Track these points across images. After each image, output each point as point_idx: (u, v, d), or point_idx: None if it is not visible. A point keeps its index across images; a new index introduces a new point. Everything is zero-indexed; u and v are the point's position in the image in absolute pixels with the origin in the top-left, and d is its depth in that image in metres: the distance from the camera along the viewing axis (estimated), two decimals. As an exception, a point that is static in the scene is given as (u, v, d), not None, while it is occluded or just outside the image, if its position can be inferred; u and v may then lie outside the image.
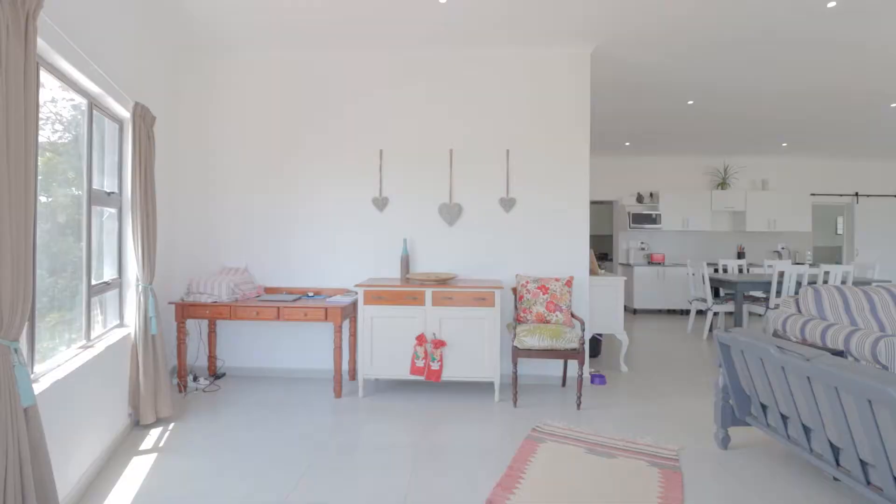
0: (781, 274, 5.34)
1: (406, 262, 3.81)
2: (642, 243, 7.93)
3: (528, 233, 3.92)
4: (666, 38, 3.63)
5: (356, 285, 3.45)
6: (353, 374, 3.89)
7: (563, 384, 3.84)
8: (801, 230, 7.62)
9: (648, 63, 4.10)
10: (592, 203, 10.03)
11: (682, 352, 5.03)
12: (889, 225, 7.95)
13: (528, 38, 3.68)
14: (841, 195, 7.96)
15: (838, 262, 8.88)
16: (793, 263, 7.24)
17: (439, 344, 3.35)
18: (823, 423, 2.09)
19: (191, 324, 3.98)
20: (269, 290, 3.93)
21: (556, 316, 3.53)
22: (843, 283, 5.37)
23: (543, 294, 3.58)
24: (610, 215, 9.75)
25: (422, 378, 3.38)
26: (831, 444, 2.11)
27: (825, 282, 5.35)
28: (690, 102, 5.11)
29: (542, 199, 3.91)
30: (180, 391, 3.53)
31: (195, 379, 3.68)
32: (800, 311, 3.97)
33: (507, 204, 3.91)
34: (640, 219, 7.53)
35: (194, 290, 3.54)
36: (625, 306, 7.80)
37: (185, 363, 3.56)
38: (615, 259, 8.13)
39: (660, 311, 7.66)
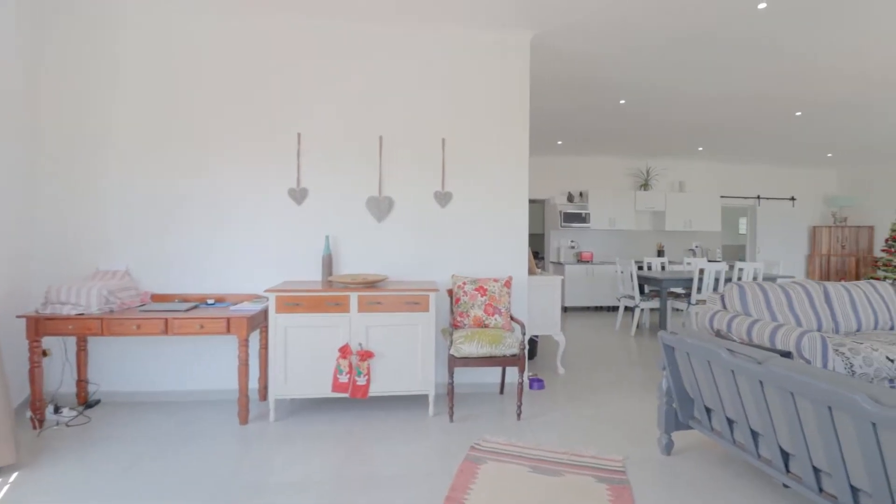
0: (702, 271, 5.57)
1: (328, 263, 3.34)
2: (572, 242, 8.04)
3: (465, 230, 3.62)
4: (603, 31, 3.52)
5: (267, 290, 2.93)
6: (263, 395, 3.35)
7: (502, 391, 3.59)
8: (712, 230, 8.14)
9: (585, 57, 3.98)
10: (524, 202, 10.10)
11: (613, 349, 5.03)
12: (784, 225, 8.77)
13: (467, 17, 3.38)
14: (745, 198, 8.64)
15: (741, 259, 9.68)
16: (709, 261, 7.71)
17: (366, 355, 2.94)
18: (775, 429, 2.00)
19: (53, 342, 3.20)
20: (156, 298, 3.26)
21: (495, 319, 3.27)
22: (755, 279, 5.71)
23: (482, 296, 3.31)
24: (542, 214, 9.86)
25: (346, 395, 2.95)
26: (782, 450, 2.02)
27: (739, 278, 5.65)
28: (622, 102, 5.14)
29: (480, 194, 3.63)
30: (34, 427, 2.79)
31: (56, 410, 2.94)
32: (725, 307, 4.07)
33: (443, 198, 3.59)
34: (570, 217, 7.61)
35: (54, 300, 2.81)
36: (556, 304, 7.85)
37: (42, 391, 2.81)
38: (546, 258, 8.17)
39: (588, 309, 7.80)
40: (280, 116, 3.44)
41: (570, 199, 7.84)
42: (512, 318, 3.29)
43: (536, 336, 4.32)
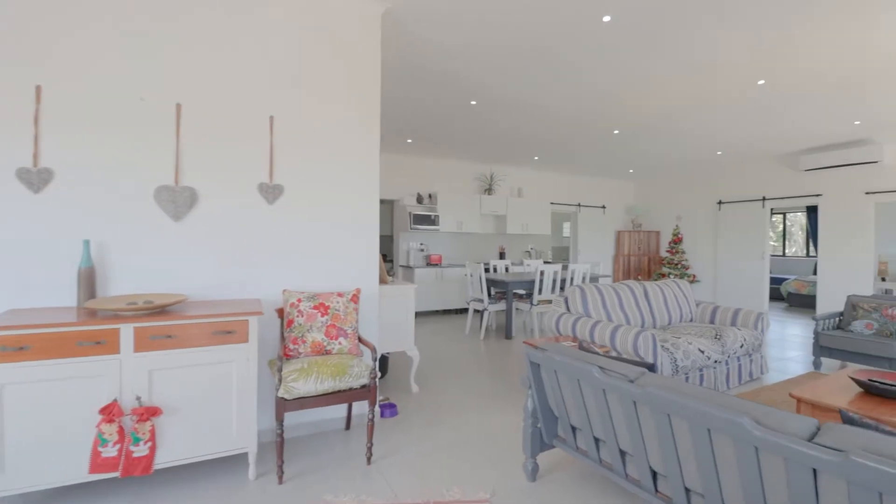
0: (542, 273, 5.82)
1: (89, 280, 2.29)
2: (422, 244, 7.82)
3: (301, 233, 2.92)
4: (456, 17, 3.21)
5: (-43, 329, 1.80)
6: (-36, 492, 2.12)
7: (348, 426, 3.00)
8: (544, 233, 8.83)
9: (439, 48, 3.65)
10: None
11: (465, 356, 4.86)
12: (598, 230, 10.05)
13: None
14: (569, 205, 9.63)
15: (565, 260, 10.83)
16: (544, 262, 8.30)
17: (149, 413, 2.04)
18: (646, 449, 1.87)
19: None
20: None
21: (340, 343, 2.66)
22: (584, 278, 6.22)
23: (322, 315, 2.66)
24: (391, 215, 9.45)
25: (116, 475, 2.00)
26: (652, 470, 1.91)
27: (572, 279, 6.09)
28: (473, 103, 5.01)
29: (322, 189, 2.97)
30: None
31: None
32: (569, 309, 4.20)
33: (271, 192, 2.82)
34: (420, 219, 7.36)
35: None
36: (406, 310, 7.51)
37: None
38: (396, 261, 7.79)
39: (438, 312, 7.67)
40: (7, 69, 2.25)
41: (420, 200, 7.60)
42: (361, 341, 2.72)
43: (389, 353, 3.83)
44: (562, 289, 6.39)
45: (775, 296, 9.46)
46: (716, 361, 3.73)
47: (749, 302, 8.29)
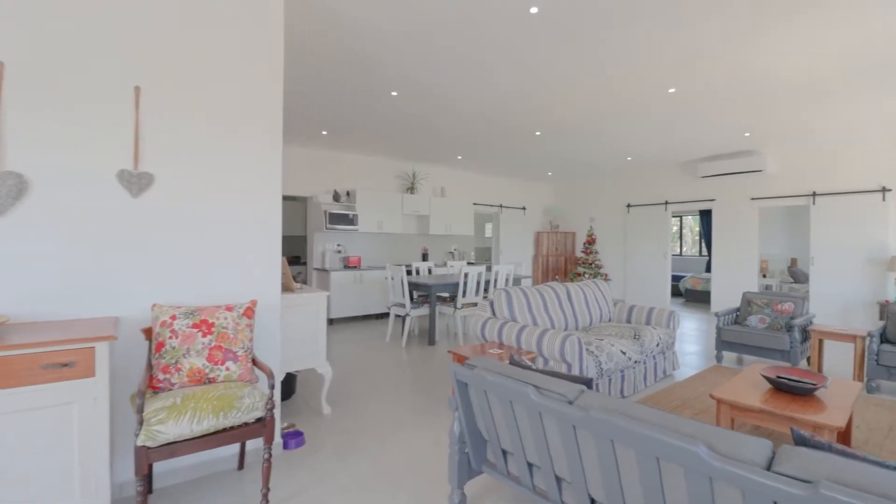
0: (466, 275, 5.63)
1: None
2: (339, 245, 7.28)
3: (178, 234, 2.37)
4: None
5: None
6: None
7: (241, 465, 2.51)
8: (466, 234, 8.72)
9: (357, 27, 3.26)
10: (284, 199, 8.81)
11: (386, 367, 4.50)
12: (518, 230, 10.19)
13: None
14: (491, 205, 9.63)
15: (488, 261, 10.86)
16: (468, 263, 8.15)
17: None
18: (585, 475, 1.67)
19: None
20: None
21: (228, 369, 2.18)
22: (508, 280, 6.15)
23: (205, 335, 2.16)
24: (304, 213, 8.75)
25: None
26: (591, 498, 1.71)
27: (496, 281, 5.98)
28: (395, 94, 4.65)
29: (207, 180, 2.45)
30: None
31: None
32: (494, 313, 4.01)
33: (137, 182, 2.25)
34: (337, 219, 6.83)
35: None
36: (322, 317, 6.95)
37: None
38: (309, 264, 7.17)
39: (357, 318, 7.20)
40: None
41: (337, 198, 7.07)
42: (255, 364, 2.26)
43: (297, 371, 3.35)
44: (486, 291, 6.26)
45: (674, 292, 10.26)
46: (636, 362, 3.76)
47: (654, 298, 8.87)
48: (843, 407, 2.47)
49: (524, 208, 10.27)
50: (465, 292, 5.64)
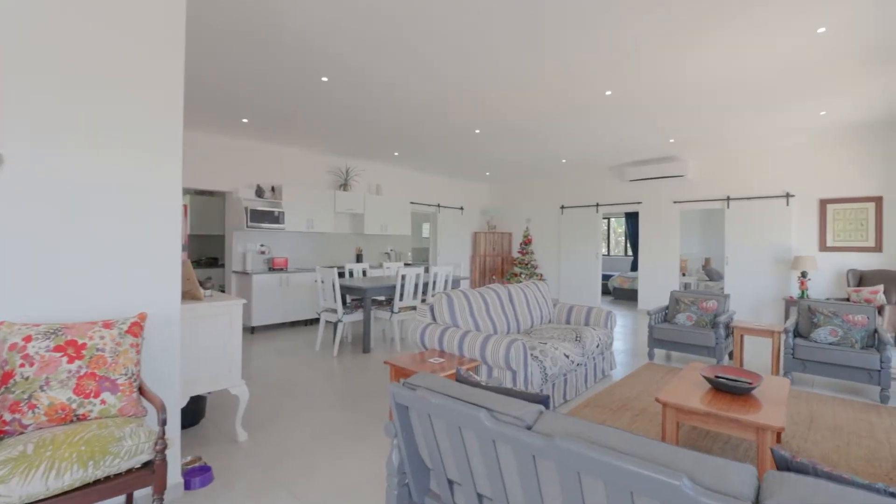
0: (403, 277, 5.33)
1: None
2: (263, 246, 6.66)
3: (33, 228, 1.86)
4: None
5: None
6: None
7: (130, 517, 2.03)
8: (403, 234, 8.41)
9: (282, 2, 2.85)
10: (198, 193, 7.93)
11: (315, 380, 4.08)
12: (456, 231, 10.05)
13: None
14: (429, 205, 9.40)
15: (425, 262, 10.62)
16: (405, 264, 7.84)
17: None
18: (544, 512, 1.45)
19: None
20: None
21: (104, 402, 1.72)
22: (447, 282, 5.93)
23: (71, 361, 1.69)
24: (222, 210, 7.96)
25: None
26: (550, 537, 1.51)
27: (434, 283, 5.74)
28: (325, 80, 4.24)
29: (79, 163, 1.95)
30: None
31: None
32: (435, 319, 3.76)
33: (-27, 163, 1.72)
34: (260, 216, 6.22)
35: None
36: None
37: None
38: (228, 266, 6.48)
39: (283, 325, 6.63)
40: None
41: (260, 193, 6.44)
42: (143, 393, 1.82)
43: (208, 393, 2.87)
44: (424, 293, 6.00)
45: (604, 290, 10.67)
46: (578, 364, 3.69)
47: (586, 297, 9.12)
48: (779, 405, 2.51)
49: (462, 208, 10.16)
50: (402, 295, 5.34)
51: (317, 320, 6.92)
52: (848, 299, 5.66)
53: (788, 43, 3.50)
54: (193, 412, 3.06)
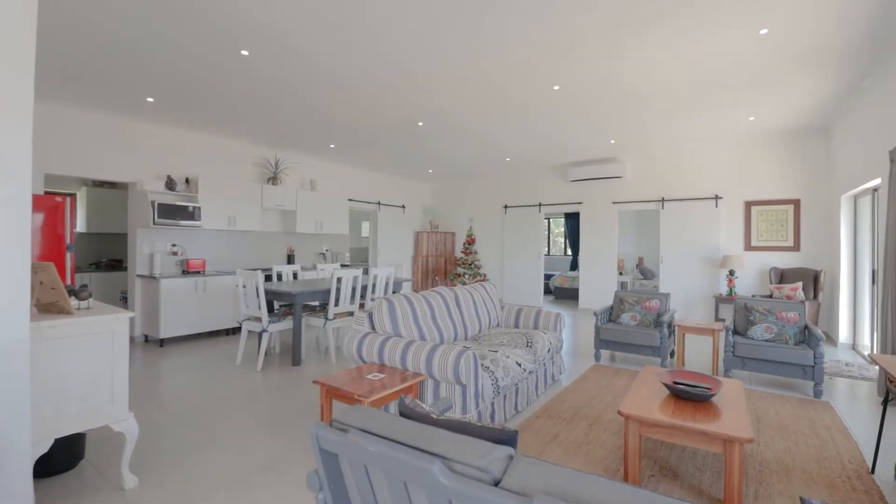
0: (339, 280, 4.85)
1: None
2: (175, 245, 5.84)
3: None
4: None
5: None
6: None
7: None
8: (341, 233, 7.85)
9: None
10: (96, 185, 6.81)
11: (232, 402, 3.51)
12: (397, 230, 9.61)
13: None
14: (369, 202, 8.89)
15: (365, 262, 10.08)
16: (341, 265, 7.29)
17: None
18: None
19: None
20: None
21: None
22: (387, 285, 5.51)
23: None
24: (124, 204, 6.97)
25: None
26: None
27: (374, 286, 5.30)
28: (245, 53, 3.67)
29: None
30: None
31: None
32: (374, 328, 3.35)
33: None
34: (171, 212, 5.43)
35: None
36: (146, 337, 5.48)
37: None
38: (131, 269, 5.59)
39: (200, 336, 5.86)
40: None
41: (171, 186, 5.63)
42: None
43: (84, 431, 2.25)
44: (363, 297, 5.54)
45: (545, 290, 10.73)
46: (530, 372, 3.45)
47: (529, 297, 9.07)
48: (740, 411, 2.38)
49: (404, 207, 9.74)
50: (338, 300, 4.85)
51: (239, 329, 6.20)
52: (771, 296, 5.96)
53: (731, 43, 3.48)
54: (69, 454, 2.43)
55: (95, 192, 6.74)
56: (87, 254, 6.91)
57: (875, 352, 4.59)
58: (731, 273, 6.55)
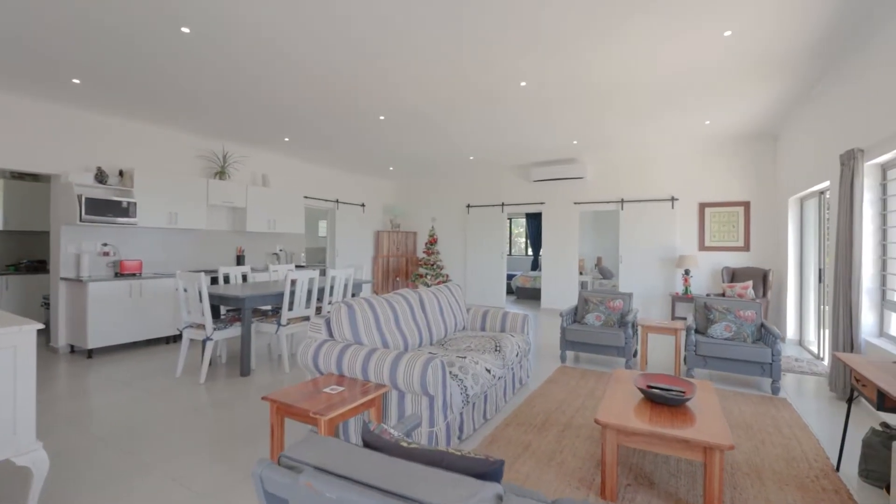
0: (294, 282, 4.51)
1: None
2: (106, 245, 5.27)
3: None
4: None
5: None
6: None
7: None
8: (296, 232, 7.44)
9: None
10: (14, 177, 6.03)
11: (169, 420, 3.14)
12: (357, 229, 9.26)
13: None
14: (327, 200, 8.49)
15: (322, 263, 9.65)
16: (296, 266, 6.89)
17: None
18: None
19: None
20: None
21: None
22: (346, 287, 5.22)
23: None
24: (46, 199, 6.26)
25: None
26: None
27: (332, 288, 4.99)
28: (186, 31, 3.29)
29: None
30: None
31: None
32: (332, 335, 3.08)
33: None
34: (101, 207, 4.87)
35: None
36: (72, 347, 4.92)
37: None
38: (54, 272, 4.99)
39: (137, 345, 5.32)
40: None
41: (102, 178, 5.06)
42: None
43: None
44: (319, 300, 5.21)
45: (507, 290, 10.71)
46: (499, 378, 3.29)
47: (491, 297, 8.99)
48: (716, 416, 2.33)
49: (363, 205, 9.40)
50: (292, 304, 4.51)
51: (180, 338, 5.69)
52: (724, 294, 6.15)
53: (695, 45, 3.49)
54: (-44, 494, 2.02)
55: (14, 185, 6.00)
56: (5, 254, 6.15)
57: (824, 347, 4.78)
58: (687, 272, 6.72)
